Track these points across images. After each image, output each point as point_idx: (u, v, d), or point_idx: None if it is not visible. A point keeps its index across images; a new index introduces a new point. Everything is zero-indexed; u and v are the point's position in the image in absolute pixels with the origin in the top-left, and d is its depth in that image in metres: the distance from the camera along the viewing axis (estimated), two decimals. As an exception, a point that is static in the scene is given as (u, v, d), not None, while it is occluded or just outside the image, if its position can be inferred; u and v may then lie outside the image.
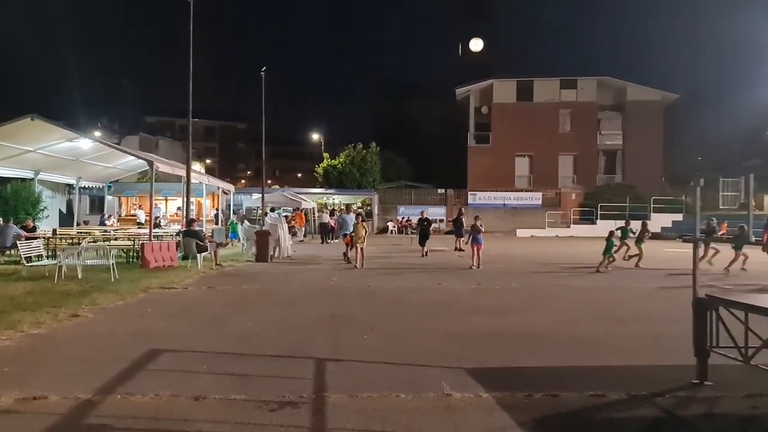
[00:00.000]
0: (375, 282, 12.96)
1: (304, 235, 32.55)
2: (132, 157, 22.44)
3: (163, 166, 18.54)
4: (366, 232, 16.52)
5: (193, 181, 25.69)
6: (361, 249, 16.19)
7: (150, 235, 16.93)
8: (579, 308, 9.66)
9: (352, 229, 17.36)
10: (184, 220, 19.61)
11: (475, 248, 16.53)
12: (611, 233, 17.25)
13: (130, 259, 17.15)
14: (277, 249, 19.72)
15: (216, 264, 16.19)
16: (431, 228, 22.44)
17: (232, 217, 27.85)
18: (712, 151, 46.48)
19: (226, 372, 5.55)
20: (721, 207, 40.52)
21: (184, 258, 16.28)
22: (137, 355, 6.11)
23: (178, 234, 18.52)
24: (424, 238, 20.76)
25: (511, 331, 7.63)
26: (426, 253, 20.23)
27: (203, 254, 15.76)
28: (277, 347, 6.62)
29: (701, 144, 47.28)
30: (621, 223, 21.08)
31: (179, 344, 6.75)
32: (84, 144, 19.08)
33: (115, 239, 20.10)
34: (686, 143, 49.52)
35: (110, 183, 30.22)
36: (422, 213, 21.86)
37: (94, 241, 19.62)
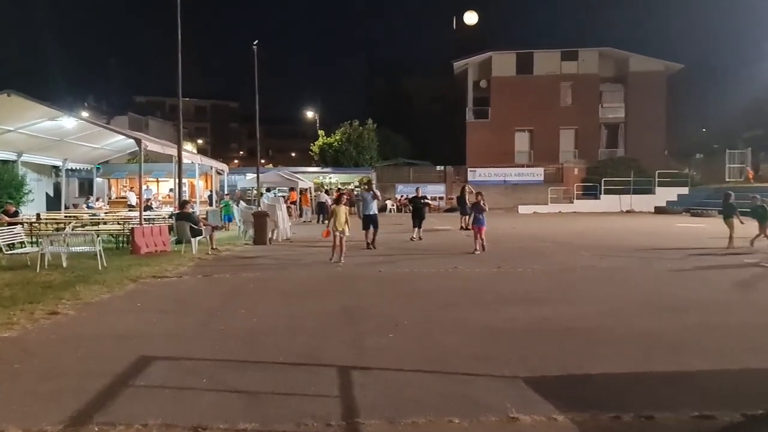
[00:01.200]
0: (385, 267, 11.95)
1: (307, 215, 31.49)
2: (120, 137, 21.21)
3: (152, 145, 17.37)
4: (347, 217, 13.22)
5: (185, 161, 24.60)
6: (341, 239, 12.91)
7: (140, 218, 15.82)
8: (619, 294, 8.67)
9: (373, 210, 15.70)
10: (177, 202, 18.52)
11: (477, 230, 14.56)
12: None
13: (120, 245, 16.08)
14: (276, 231, 18.70)
15: (212, 248, 15.15)
16: (427, 208, 20.23)
17: (225, 198, 26.65)
18: (717, 122, 45.44)
19: (231, 388, 4.53)
20: (727, 180, 39.73)
21: (178, 242, 15.22)
22: (123, 366, 5.09)
23: (170, 216, 17.45)
24: (418, 218, 18.16)
25: (556, 325, 6.63)
26: (420, 236, 17.77)
27: (198, 238, 14.70)
28: (289, 351, 5.60)
29: (705, 115, 46.22)
30: (627, 198, 19.91)
31: (173, 349, 5.73)
32: (67, 123, 17.84)
33: (104, 223, 19.04)
34: (690, 115, 48.45)
35: (99, 165, 28.95)
36: (417, 190, 19.77)
37: (82, 226, 18.58)
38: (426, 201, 20.29)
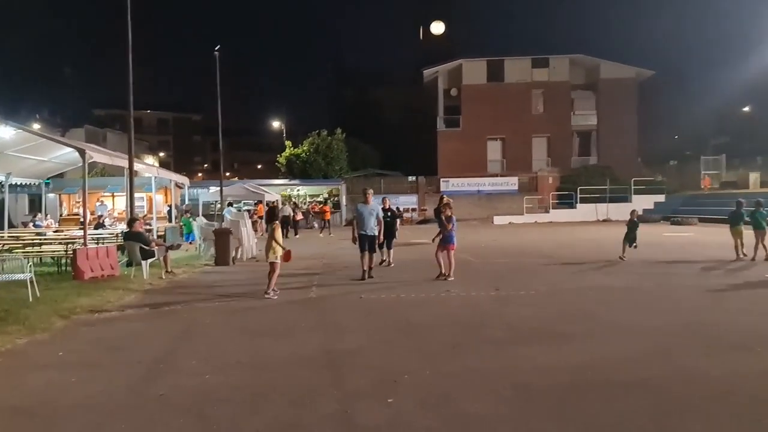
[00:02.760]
0: (366, 291, 10.35)
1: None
2: (69, 149, 19.14)
3: (99, 156, 15.52)
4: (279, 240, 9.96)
5: (146, 174, 22.68)
6: (273, 266, 9.84)
7: (84, 238, 13.92)
8: (655, 324, 7.21)
9: (370, 225, 11.82)
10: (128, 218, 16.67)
11: (444, 249, 11.43)
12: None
13: (63, 269, 14.17)
14: (240, 249, 16.95)
15: (166, 271, 13.33)
16: (398, 221, 15.75)
17: (185, 216, 24.63)
18: (688, 128, 45.11)
19: None
20: (701, 186, 39.25)
21: (129, 264, 13.37)
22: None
23: (120, 235, 15.59)
24: (386, 237, 13.36)
25: (602, 376, 5.12)
26: (389, 261, 14.03)
27: (150, 260, 12.88)
28: (254, 432, 3.97)
29: (677, 122, 45.88)
30: (604, 207, 18.78)
31: (89, 434, 4.04)
32: (2, 132, 15.89)
33: (49, 244, 17.06)
34: (661, 122, 48.09)
35: (48, 179, 26.71)
36: (383, 201, 14.19)
37: (22, 247, 16.62)
38: (396, 213, 16.27)
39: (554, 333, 6.81)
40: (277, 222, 10.33)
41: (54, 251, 15.43)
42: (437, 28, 71.85)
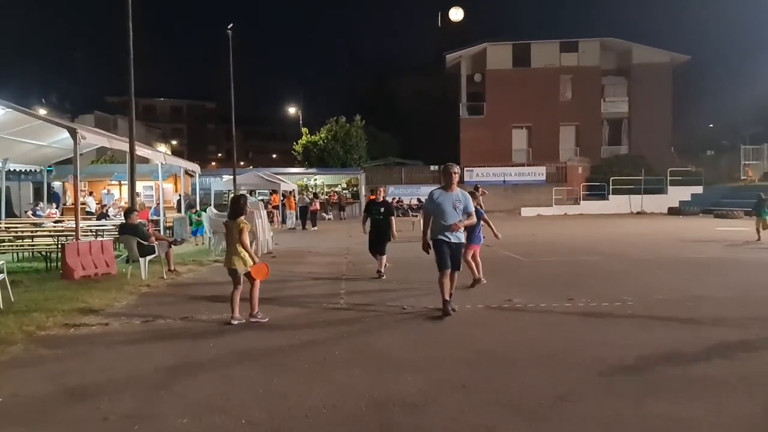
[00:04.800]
0: (408, 298, 8.46)
1: (291, 222, 27.79)
2: (94, 138, 17.51)
3: (93, 137, 13.72)
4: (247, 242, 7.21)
5: (159, 162, 20.90)
6: (249, 280, 7.18)
7: (76, 230, 12.14)
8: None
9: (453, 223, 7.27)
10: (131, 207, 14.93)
11: (471, 251, 9.20)
12: None
13: (52, 265, 12.42)
14: (255, 243, 15.12)
15: (168, 270, 11.52)
16: (392, 218, 11.02)
17: (190, 212, 22.60)
18: (726, 117, 42.44)
19: None
20: (743, 177, 36.88)
21: (129, 261, 11.57)
22: None
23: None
24: (378, 241, 10.87)
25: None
26: (381, 272, 10.80)
27: (149, 257, 11.07)
28: None
29: (713, 110, 43.29)
30: (637, 198, 17.08)
31: None
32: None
33: (44, 236, 15.36)
34: (697, 109, 45.52)
35: (50, 166, 25.05)
36: (376, 192, 11.39)
37: (10, 240, 14.99)
38: (392, 207, 11.91)
39: (704, 375, 4.85)
40: (242, 219, 7.12)
41: (47, 245, 13.70)
42: (456, 14, 69.54)
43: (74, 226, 16.64)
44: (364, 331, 6.67)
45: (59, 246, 12.14)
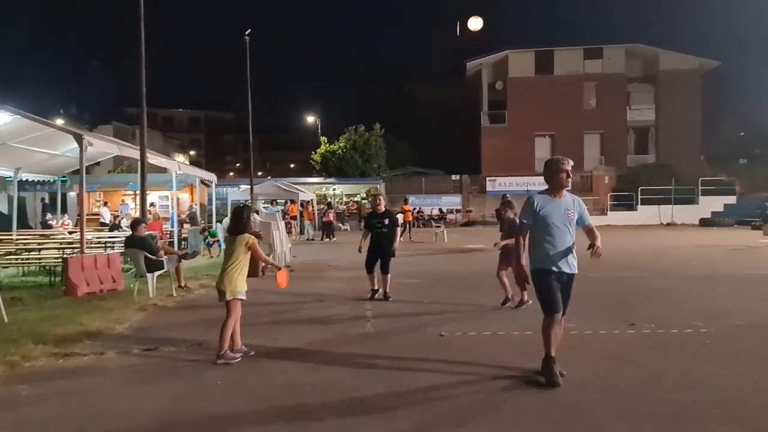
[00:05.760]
0: (442, 323, 7.49)
1: (309, 233, 26.89)
2: (102, 144, 16.80)
3: (101, 144, 12.95)
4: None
5: (174, 170, 20.21)
6: (230, 308, 5.88)
7: (81, 243, 11.32)
8: None
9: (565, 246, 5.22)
10: (144, 218, 14.17)
11: (513, 268, 7.23)
12: None
13: (56, 279, 11.63)
14: (271, 256, 14.24)
15: (178, 286, 10.64)
16: (397, 228, 9.88)
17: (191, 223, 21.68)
18: (759, 124, 40.89)
19: None
20: (778, 187, 35.40)
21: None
22: None
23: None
24: (381, 256, 9.37)
25: None
26: (379, 292, 9.44)
27: (157, 273, 10.20)
28: None
29: (744, 117, 41.75)
30: (667, 209, 15.66)
31: None
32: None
33: (49, 248, 14.63)
34: (726, 117, 44.02)
35: (64, 176, 24.42)
36: (377, 200, 9.78)
37: (14, 253, 14.28)
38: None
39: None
40: (248, 236, 5.97)
41: (55, 258, 12.93)
42: (475, 23, 68.70)
43: (91, 237, 15.98)
44: (394, 354, 5.70)
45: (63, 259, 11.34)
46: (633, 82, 44.14)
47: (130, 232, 10.57)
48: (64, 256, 11.35)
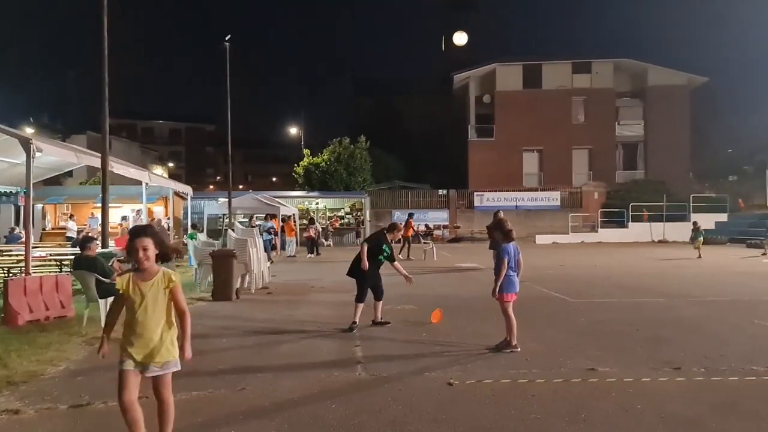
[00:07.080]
0: (449, 366, 6.21)
1: (290, 249, 25.46)
2: (53, 150, 15.39)
3: (53, 149, 11.57)
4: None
5: (144, 181, 18.95)
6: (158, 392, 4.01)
7: (27, 263, 9.89)
8: None
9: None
10: (124, 232, 12.89)
11: (505, 299, 6.67)
12: None
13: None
14: (248, 277, 12.90)
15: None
16: (384, 253, 8.39)
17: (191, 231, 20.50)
18: (747, 141, 40.51)
19: None
20: (768, 204, 34.71)
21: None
22: None
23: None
24: (375, 284, 8.38)
25: None
26: (353, 324, 8.09)
27: (110, 299, 8.80)
28: None
29: (733, 134, 41.36)
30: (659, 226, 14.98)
31: None
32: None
33: None
34: (716, 133, 43.57)
35: (24, 188, 22.78)
36: (397, 228, 9.23)
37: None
38: (381, 242, 8.49)
39: None
40: (170, 272, 3.92)
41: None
42: (460, 38, 68.10)
43: (45, 254, 14.47)
44: (397, 409, 4.40)
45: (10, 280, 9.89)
46: (622, 97, 43.49)
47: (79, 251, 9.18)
48: (5, 278, 9.90)
